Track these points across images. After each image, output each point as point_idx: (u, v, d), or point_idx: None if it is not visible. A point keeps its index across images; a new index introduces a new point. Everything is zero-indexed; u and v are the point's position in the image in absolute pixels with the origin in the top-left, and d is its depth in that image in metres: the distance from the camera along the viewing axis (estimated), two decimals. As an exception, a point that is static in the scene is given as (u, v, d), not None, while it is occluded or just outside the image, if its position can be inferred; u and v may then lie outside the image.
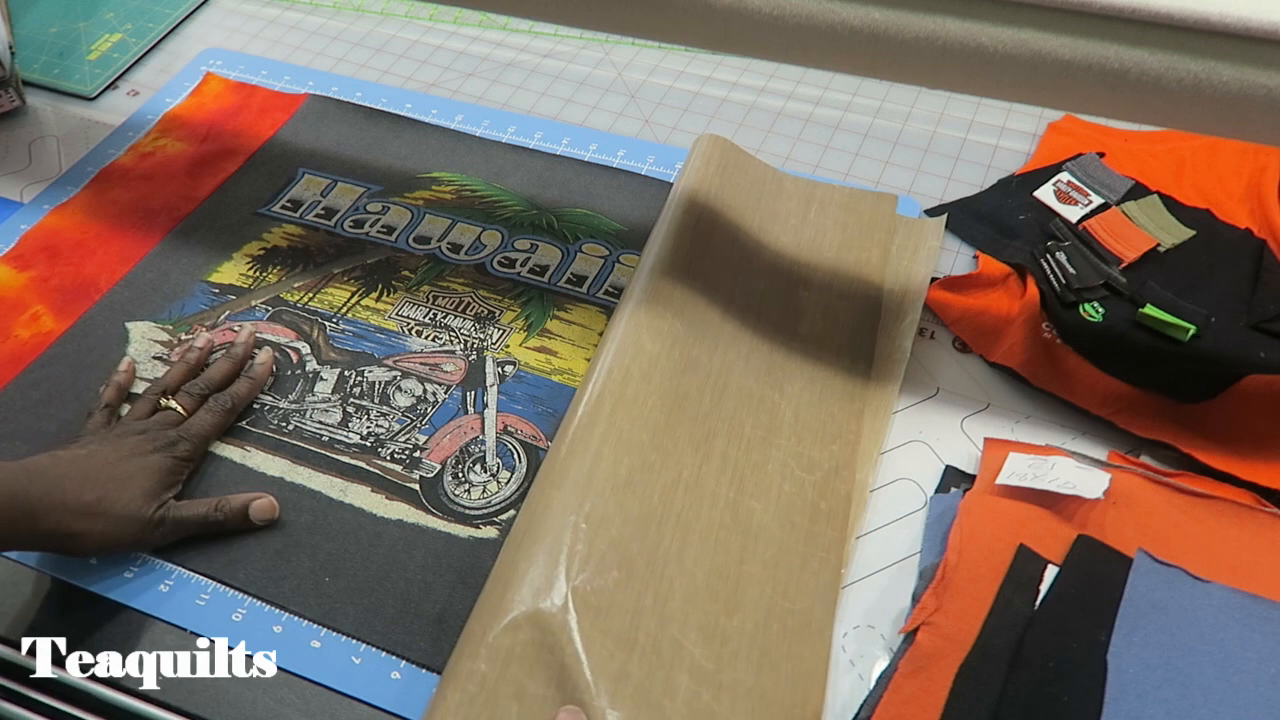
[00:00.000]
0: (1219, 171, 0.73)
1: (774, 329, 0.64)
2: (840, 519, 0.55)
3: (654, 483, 0.53)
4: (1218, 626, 0.49)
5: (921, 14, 0.48)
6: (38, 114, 0.81)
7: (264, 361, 0.62)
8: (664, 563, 0.51)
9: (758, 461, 0.57)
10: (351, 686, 0.50)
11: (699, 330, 0.61)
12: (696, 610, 0.50)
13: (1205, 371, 0.61)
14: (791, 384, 0.61)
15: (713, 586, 0.51)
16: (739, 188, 0.70)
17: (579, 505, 0.51)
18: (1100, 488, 0.53)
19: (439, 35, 0.89)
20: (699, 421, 0.57)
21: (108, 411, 0.59)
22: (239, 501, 0.55)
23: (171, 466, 0.55)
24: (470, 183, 0.76)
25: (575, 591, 0.48)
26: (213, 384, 0.60)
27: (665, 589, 0.50)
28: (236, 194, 0.75)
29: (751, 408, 0.59)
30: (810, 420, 0.59)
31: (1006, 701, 0.47)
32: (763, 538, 0.54)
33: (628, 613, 0.48)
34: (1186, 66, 0.45)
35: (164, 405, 0.58)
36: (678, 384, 0.58)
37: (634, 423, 0.55)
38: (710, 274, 0.64)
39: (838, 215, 0.71)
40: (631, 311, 0.61)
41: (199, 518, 0.54)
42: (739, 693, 0.48)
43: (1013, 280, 0.67)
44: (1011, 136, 0.78)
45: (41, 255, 0.70)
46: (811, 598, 0.52)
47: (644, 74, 0.85)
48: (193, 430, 0.57)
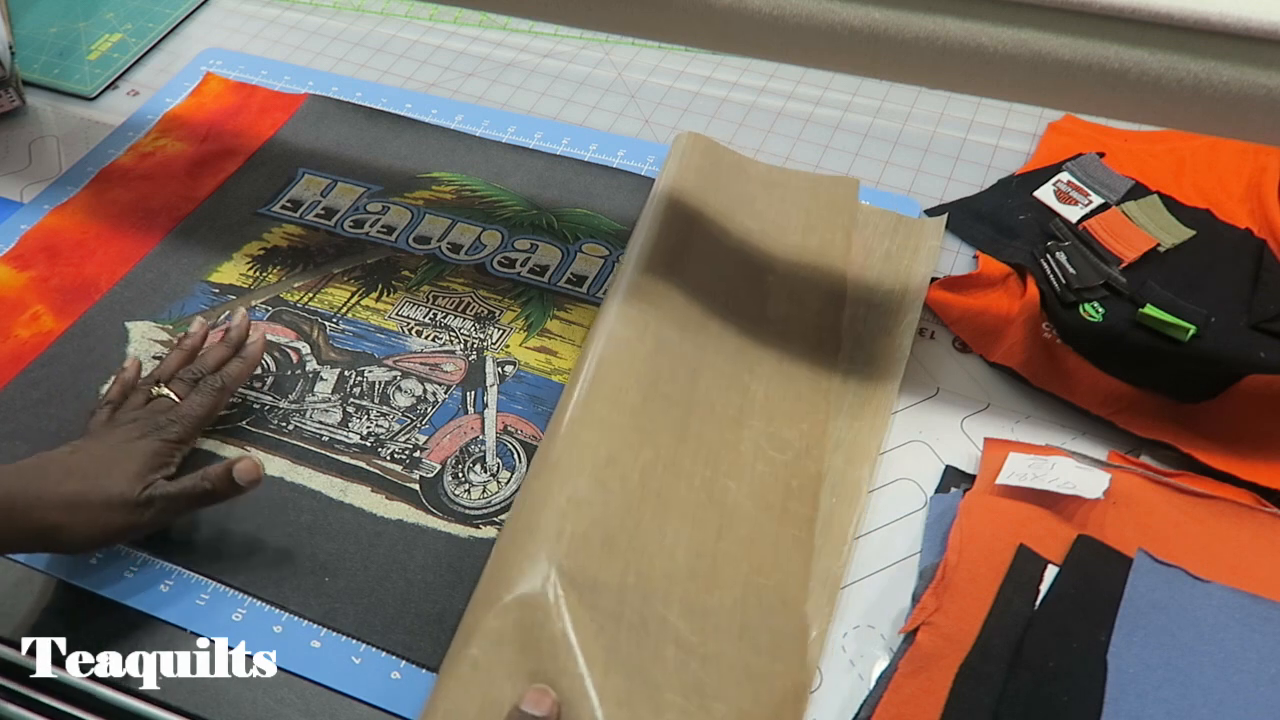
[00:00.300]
0: (1219, 171, 0.73)
1: (742, 312, 0.64)
2: (810, 496, 0.56)
3: (633, 462, 0.54)
4: (1218, 626, 0.49)
5: (921, 14, 0.48)
6: (38, 114, 0.81)
7: (256, 341, 0.61)
8: (645, 540, 0.51)
9: (731, 441, 0.57)
10: (351, 686, 0.50)
11: (670, 314, 0.61)
12: (678, 586, 0.50)
13: (1205, 371, 0.61)
14: (762, 365, 0.62)
15: (692, 564, 0.52)
16: (708, 176, 0.71)
17: (562, 488, 0.52)
18: (1100, 488, 0.53)
19: (439, 35, 0.89)
20: (674, 402, 0.58)
21: (110, 408, 0.58)
22: (222, 467, 0.53)
23: (160, 449, 0.53)
24: (470, 183, 0.76)
25: (560, 570, 0.48)
26: (206, 368, 0.59)
27: (647, 566, 0.51)
28: (236, 194, 0.75)
29: (724, 388, 0.60)
30: (780, 400, 0.60)
31: (1006, 701, 0.47)
32: (738, 515, 0.54)
33: (613, 589, 0.49)
34: (1186, 66, 0.45)
35: (157, 393, 0.58)
36: (651, 366, 0.58)
37: (611, 406, 0.56)
38: (681, 261, 0.65)
39: (800, 200, 0.71)
40: (608, 307, 0.61)
41: (187, 490, 0.52)
42: (723, 664, 0.48)
43: (1013, 280, 0.67)
44: (1011, 136, 0.78)
45: (41, 255, 0.70)
46: (785, 572, 0.53)
47: (644, 74, 0.85)
48: (183, 412, 0.56)
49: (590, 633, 0.47)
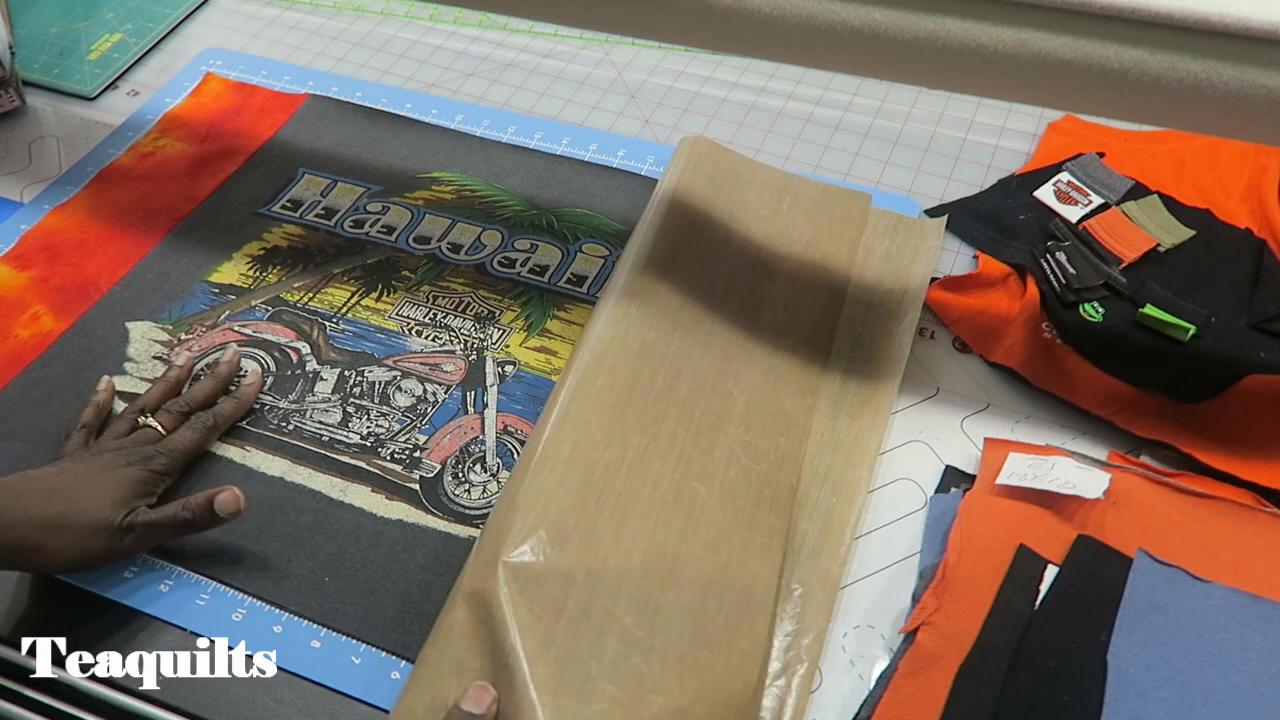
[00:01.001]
0: (1219, 171, 0.73)
1: (734, 317, 0.64)
2: (784, 507, 0.55)
3: (596, 460, 0.54)
4: (1218, 626, 0.49)
5: (921, 14, 0.48)
6: (38, 114, 0.81)
7: (252, 382, 0.61)
8: (600, 539, 0.51)
9: (705, 446, 0.57)
10: (351, 686, 0.50)
11: (656, 315, 0.61)
12: (629, 584, 0.50)
13: (1205, 371, 0.61)
14: (747, 373, 0.61)
15: (649, 563, 0.51)
16: (711, 179, 0.70)
17: (524, 486, 0.52)
18: (1100, 488, 0.53)
19: (439, 35, 0.89)
20: (649, 404, 0.57)
21: (85, 432, 0.57)
22: (204, 497, 0.53)
23: (145, 478, 0.53)
24: (470, 183, 0.76)
25: (506, 566, 0.48)
26: (194, 403, 0.59)
27: (599, 564, 0.50)
28: (236, 194, 0.75)
29: (704, 393, 0.59)
30: (761, 410, 0.60)
31: (1006, 701, 0.47)
32: (705, 519, 0.54)
33: (557, 583, 0.49)
34: (1186, 66, 0.45)
35: (143, 423, 0.57)
36: (631, 366, 0.58)
37: (582, 403, 0.55)
38: (676, 264, 0.64)
39: (810, 210, 0.71)
40: (601, 307, 0.61)
41: (167, 519, 0.52)
42: (669, 657, 0.48)
43: (1013, 280, 0.67)
44: (1011, 136, 0.78)
45: (41, 255, 0.70)
46: (752, 577, 0.52)
47: (644, 74, 0.85)
48: (171, 445, 0.56)
49: (527, 622, 0.47)
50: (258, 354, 0.64)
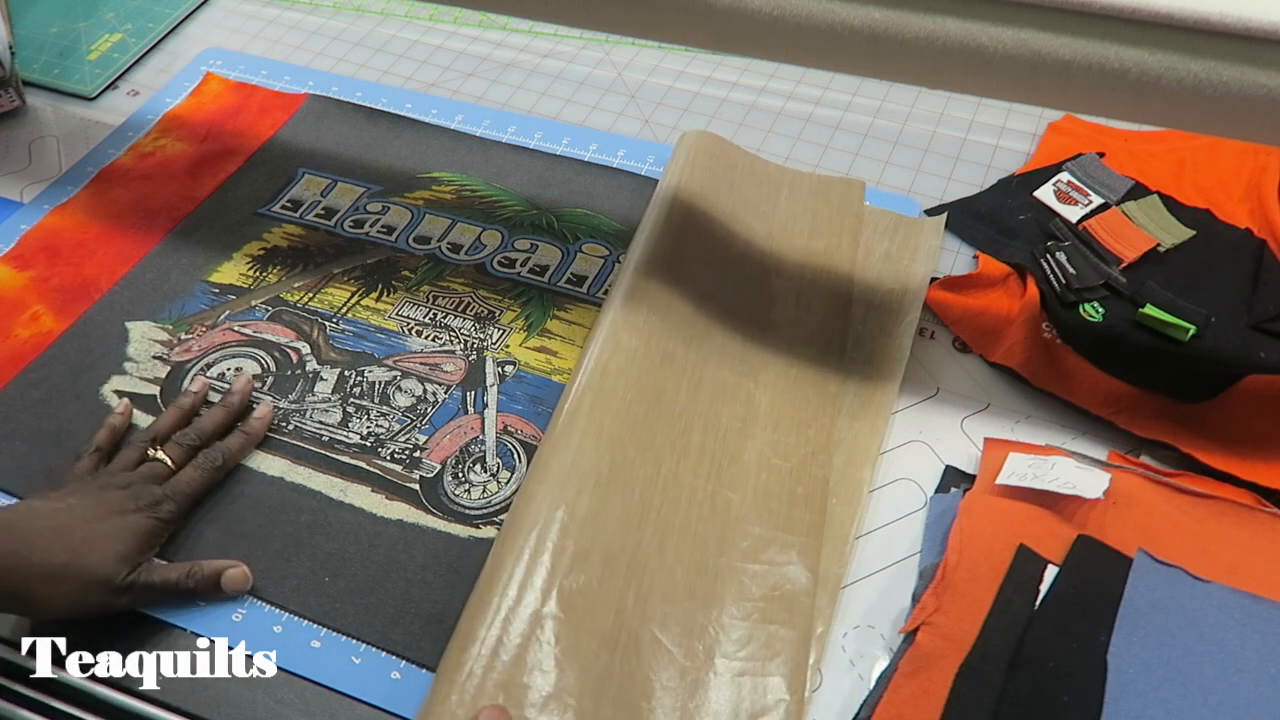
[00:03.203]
0: (1219, 171, 0.73)
1: (747, 318, 0.64)
2: (818, 503, 0.56)
3: (635, 479, 0.54)
4: (1218, 626, 0.49)
5: (921, 14, 0.48)
6: (38, 114, 0.81)
7: (261, 417, 0.60)
8: (645, 560, 0.51)
9: (734, 453, 0.57)
10: (351, 686, 0.50)
11: (674, 323, 0.61)
12: (676, 607, 0.50)
13: (1205, 371, 0.61)
14: (766, 372, 0.61)
15: (692, 582, 0.52)
16: (715, 175, 0.70)
17: (563, 502, 0.52)
18: (1100, 488, 0.53)
19: (439, 35, 0.89)
20: (676, 415, 0.58)
21: (96, 456, 0.57)
22: (211, 569, 0.52)
23: (152, 528, 0.52)
24: (470, 183, 0.76)
25: (561, 590, 0.49)
26: (205, 434, 0.58)
27: (647, 587, 0.51)
28: (236, 194, 0.75)
29: (727, 399, 0.59)
30: (785, 406, 0.60)
31: (1006, 701, 0.47)
32: (740, 529, 0.54)
33: (610, 611, 0.49)
34: (1186, 66, 0.45)
35: (152, 456, 0.56)
36: (655, 378, 0.58)
37: (614, 418, 0.56)
38: (685, 265, 0.65)
39: (807, 202, 0.71)
40: (611, 309, 0.61)
41: (170, 584, 0.51)
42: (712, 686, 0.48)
43: (1013, 280, 0.67)
44: (1011, 136, 0.78)
45: (41, 255, 0.70)
46: (787, 578, 0.52)
47: (644, 74, 0.85)
48: (178, 489, 0.55)
49: (586, 660, 0.47)
50: (258, 354, 0.64)
